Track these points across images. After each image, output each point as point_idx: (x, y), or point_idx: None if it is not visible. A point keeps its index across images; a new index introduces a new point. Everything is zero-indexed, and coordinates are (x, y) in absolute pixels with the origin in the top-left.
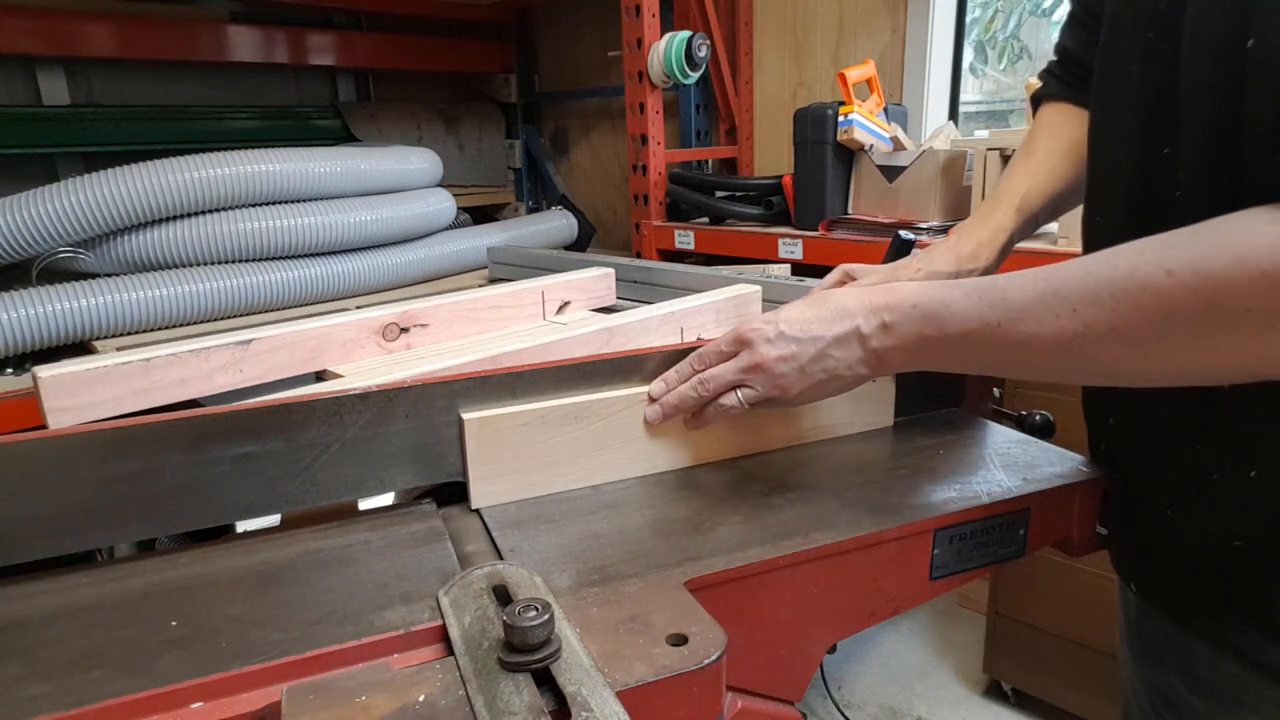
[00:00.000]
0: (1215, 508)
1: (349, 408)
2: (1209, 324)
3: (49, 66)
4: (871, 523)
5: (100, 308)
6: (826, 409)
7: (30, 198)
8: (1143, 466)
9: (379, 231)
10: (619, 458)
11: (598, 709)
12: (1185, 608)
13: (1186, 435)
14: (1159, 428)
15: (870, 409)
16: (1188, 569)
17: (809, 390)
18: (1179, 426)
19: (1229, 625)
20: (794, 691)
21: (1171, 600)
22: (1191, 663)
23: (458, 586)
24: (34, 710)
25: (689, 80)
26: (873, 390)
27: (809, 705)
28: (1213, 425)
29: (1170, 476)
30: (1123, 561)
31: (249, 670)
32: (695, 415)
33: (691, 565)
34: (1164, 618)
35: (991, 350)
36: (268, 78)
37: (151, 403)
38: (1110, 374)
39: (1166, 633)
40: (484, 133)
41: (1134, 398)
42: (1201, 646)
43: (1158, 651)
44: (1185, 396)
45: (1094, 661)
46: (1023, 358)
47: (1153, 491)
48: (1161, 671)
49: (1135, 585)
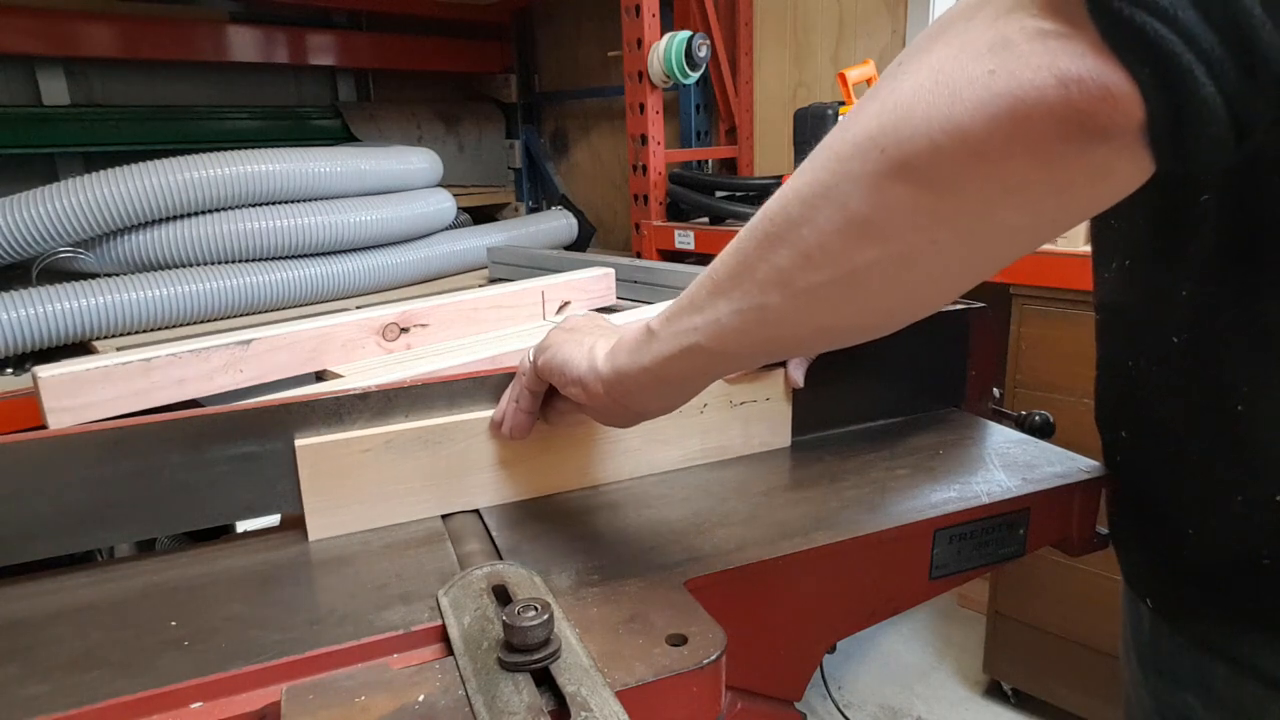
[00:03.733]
0: (1240, 529)
1: (349, 408)
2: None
3: (49, 66)
4: (871, 523)
5: (100, 308)
6: (715, 432)
7: (30, 198)
8: (1160, 484)
9: (379, 231)
10: (478, 484)
11: (597, 709)
12: (1206, 626)
13: (1205, 455)
14: (1175, 443)
15: (763, 430)
16: (1211, 587)
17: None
18: (1196, 443)
19: (1253, 645)
20: (794, 691)
21: (1191, 618)
22: (1211, 682)
23: (457, 586)
24: (33, 710)
25: (689, 80)
26: (765, 410)
27: (809, 705)
28: (1233, 444)
29: (1189, 497)
30: (1138, 577)
31: (248, 670)
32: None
33: (691, 565)
34: (1181, 635)
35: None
36: (267, 78)
37: (151, 403)
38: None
39: (1183, 650)
40: (484, 133)
41: (1148, 409)
42: (1221, 666)
43: (1173, 669)
44: (1202, 410)
45: (1094, 661)
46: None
47: (1172, 509)
48: (1176, 689)
49: (1151, 601)
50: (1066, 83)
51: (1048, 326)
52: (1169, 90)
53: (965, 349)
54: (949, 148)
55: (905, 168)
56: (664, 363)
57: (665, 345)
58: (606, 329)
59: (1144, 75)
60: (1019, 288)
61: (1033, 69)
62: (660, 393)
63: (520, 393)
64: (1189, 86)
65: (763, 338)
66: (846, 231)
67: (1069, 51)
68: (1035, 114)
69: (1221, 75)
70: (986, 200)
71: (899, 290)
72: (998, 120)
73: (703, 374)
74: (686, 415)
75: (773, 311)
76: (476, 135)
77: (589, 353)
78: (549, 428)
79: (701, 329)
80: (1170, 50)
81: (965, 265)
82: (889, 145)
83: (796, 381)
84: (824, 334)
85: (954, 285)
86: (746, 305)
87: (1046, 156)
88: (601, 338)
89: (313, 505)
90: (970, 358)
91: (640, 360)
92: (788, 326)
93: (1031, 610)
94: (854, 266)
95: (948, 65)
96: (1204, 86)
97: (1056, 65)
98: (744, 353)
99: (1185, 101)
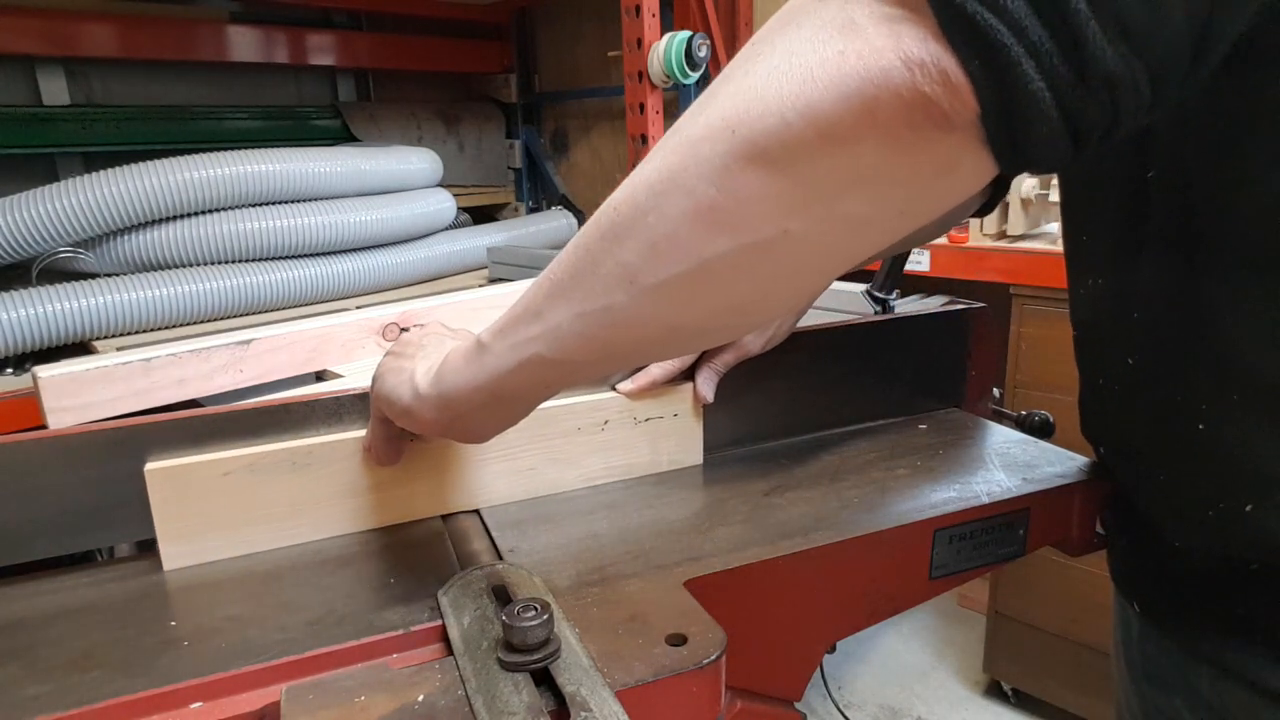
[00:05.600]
0: (1224, 537)
1: (349, 408)
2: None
3: (49, 66)
4: (871, 523)
5: (100, 308)
6: (619, 450)
7: (30, 198)
8: (1141, 496)
9: (379, 231)
10: (356, 508)
11: (597, 709)
12: (1193, 632)
13: (1173, 473)
14: (1144, 461)
15: (672, 446)
16: (1197, 593)
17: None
18: (1164, 460)
19: (1240, 651)
20: (794, 691)
21: (1178, 624)
22: (1198, 686)
23: (457, 586)
24: (33, 710)
25: (689, 80)
26: (674, 426)
27: (809, 705)
28: (1200, 463)
29: (1168, 510)
30: (1125, 579)
31: (248, 670)
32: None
33: (691, 565)
34: (1169, 639)
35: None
36: (268, 78)
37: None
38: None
39: (1170, 654)
40: (484, 133)
41: (1116, 425)
42: (1209, 672)
43: (1161, 673)
44: (1167, 431)
45: (1094, 661)
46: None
47: (1154, 518)
48: (1165, 694)
49: (1139, 606)
50: (911, 66)
51: (1048, 326)
52: (998, 82)
53: (965, 349)
54: (801, 128)
55: (757, 149)
56: (500, 379)
57: (500, 360)
58: (432, 348)
59: (974, 66)
60: (1019, 288)
61: (879, 51)
62: (498, 411)
63: (374, 423)
64: (1017, 79)
65: (609, 341)
66: (696, 220)
67: (913, 35)
68: (883, 96)
69: (1051, 71)
70: (837, 187)
71: (752, 284)
72: (848, 101)
73: (546, 386)
74: (587, 433)
75: (619, 312)
76: (476, 135)
77: (409, 380)
78: (433, 448)
79: (541, 337)
80: (999, 41)
81: (818, 258)
82: (740, 126)
83: (705, 397)
84: (675, 334)
85: (807, 282)
86: (590, 307)
87: (895, 142)
88: (423, 360)
89: (167, 532)
90: (970, 358)
91: (473, 378)
92: (636, 328)
93: (1031, 610)
94: (705, 258)
95: (801, 47)
96: (1032, 80)
97: (901, 48)
98: (590, 360)
99: (1014, 94)
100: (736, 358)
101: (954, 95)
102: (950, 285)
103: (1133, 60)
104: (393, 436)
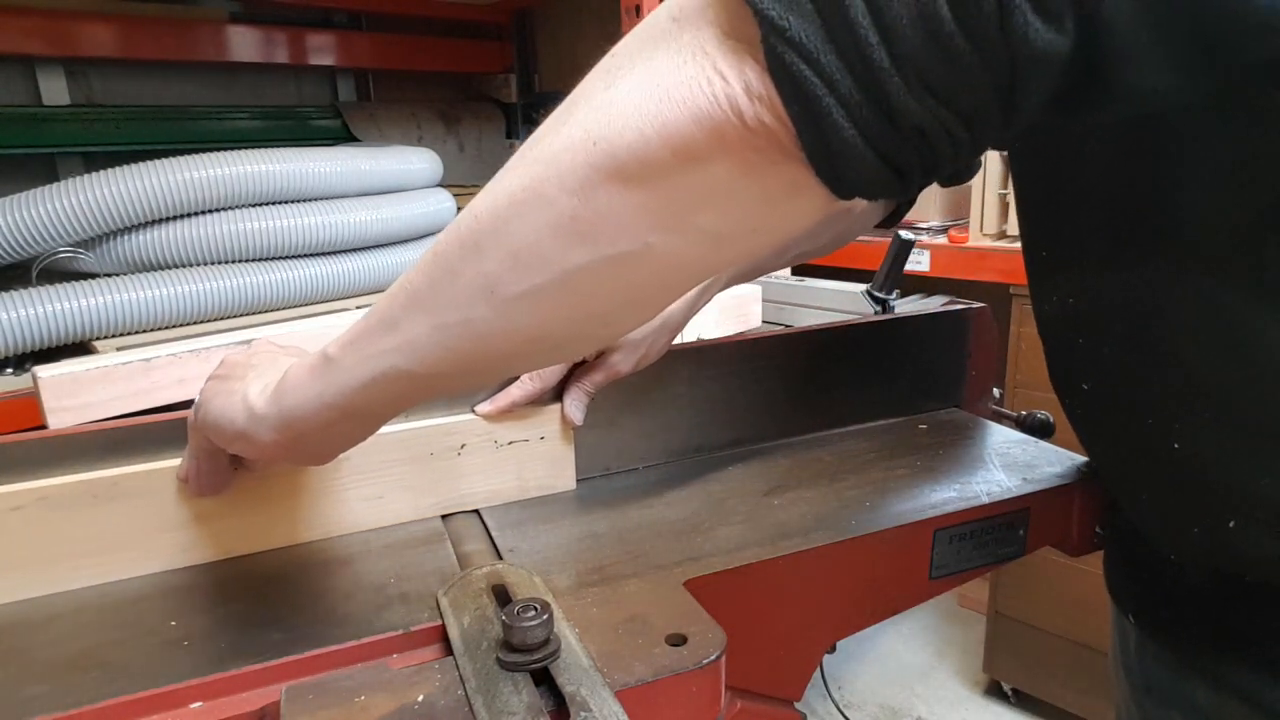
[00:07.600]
0: (1212, 553)
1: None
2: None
3: (49, 66)
4: (871, 523)
5: (100, 308)
6: (479, 475)
7: (30, 198)
8: (1131, 512)
9: (379, 231)
10: (172, 544)
11: (597, 709)
12: (1189, 645)
13: (1153, 493)
14: (1125, 482)
15: (540, 471)
16: (1192, 607)
17: None
18: (1143, 481)
19: (1235, 664)
20: (794, 691)
21: (1174, 635)
22: (1194, 699)
23: (457, 586)
24: (32, 710)
25: None
26: (541, 450)
27: (809, 705)
28: (1177, 483)
29: (1157, 525)
30: (1120, 591)
31: (248, 670)
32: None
33: (691, 565)
34: (1165, 652)
35: None
36: (267, 78)
37: (151, 403)
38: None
39: (1167, 667)
40: (484, 133)
41: (1093, 446)
42: (1205, 685)
43: (1158, 685)
44: (1135, 445)
45: (1094, 661)
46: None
47: (1147, 533)
48: (1162, 706)
49: (1134, 617)
50: (752, 97)
51: None
52: (815, 126)
53: (965, 349)
54: (658, 145)
55: (617, 163)
56: (350, 393)
57: (350, 373)
58: (265, 367)
59: (794, 110)
60: (1019, 288)
61: (727, 80)
62: (344, 428)
63: (197, 451)
64: (830, 126)
65: (469, 353)
66: (559, 231)
67: (754, 70)
68: (731, 121)
69: (862, 120)
70: (693, 203)
71: (614, 295)
72: (700, 123)
73: (400, 400)
74: (441, 458)
75: (480, 323)
76: (476, 135)
77: (242, 401)
78: (257, 477)
79: (398, 349)
80: (813, 92)
81: (678, 270)
82: (601, 140)
83: (574, 419)
84: (537, 345)
85: (669, 293)
86: (450, 318)
87: (743, 164)
88: (256, 379)
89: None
90: (970, 358)
91: (319, 394)
92: (497, 340)
93: (1031, 610)
94: (567, 269)
95: (659, 66)
96: (844, 129)
97: (744, 79)
98: (449, 372)
99: (829, 139)
100: (606, 378)
101: (786, 130)
102: (950, 285)
103: (940, 110)
104: (220, 467)
